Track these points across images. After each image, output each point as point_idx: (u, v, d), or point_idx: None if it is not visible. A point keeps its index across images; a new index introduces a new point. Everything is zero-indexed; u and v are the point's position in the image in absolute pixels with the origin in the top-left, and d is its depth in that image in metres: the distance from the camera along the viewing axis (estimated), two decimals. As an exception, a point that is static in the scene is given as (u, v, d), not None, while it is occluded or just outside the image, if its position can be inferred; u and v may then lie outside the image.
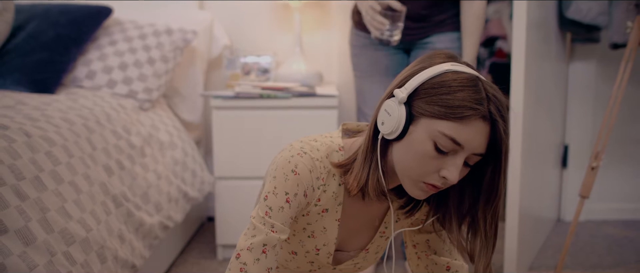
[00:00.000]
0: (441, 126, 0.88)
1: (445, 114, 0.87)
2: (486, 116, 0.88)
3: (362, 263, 1.19)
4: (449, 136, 0.88)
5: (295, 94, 2.10)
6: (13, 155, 1.19)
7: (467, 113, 0.87)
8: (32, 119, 1.41)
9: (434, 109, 0.88)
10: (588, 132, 2.62)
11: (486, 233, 0.97)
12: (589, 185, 1.82)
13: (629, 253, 2.25)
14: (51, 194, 1.24)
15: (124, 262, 1.44)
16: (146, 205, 1.70)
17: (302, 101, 2.11)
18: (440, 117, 0.88)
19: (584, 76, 2.60)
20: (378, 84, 1.99)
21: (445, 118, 0.88)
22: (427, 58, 0.95)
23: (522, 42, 1.84)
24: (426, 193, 0.95)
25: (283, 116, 2.11)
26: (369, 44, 1.98)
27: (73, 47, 2.02)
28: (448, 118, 0.87)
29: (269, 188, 0.98)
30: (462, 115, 0.87)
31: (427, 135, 0.89)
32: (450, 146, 0.88)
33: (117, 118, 1.79)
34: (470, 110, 0.87)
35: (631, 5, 2.21)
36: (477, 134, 0.88)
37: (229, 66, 2.43)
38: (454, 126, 0.87)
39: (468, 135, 0.88)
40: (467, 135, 0.88)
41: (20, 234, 1.08)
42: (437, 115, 0.88)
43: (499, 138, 0.89)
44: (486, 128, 0.89)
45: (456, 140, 0.88)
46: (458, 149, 0.89)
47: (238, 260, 0.96)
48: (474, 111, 0.87)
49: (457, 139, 0.88)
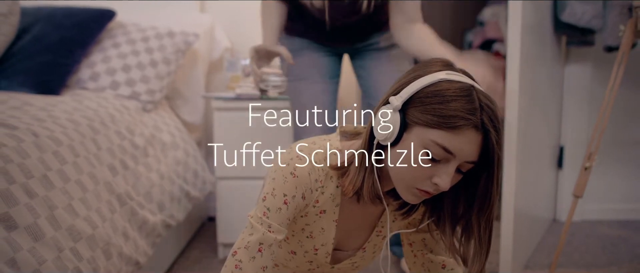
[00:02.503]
0: (434, 135, 0.89)
1: (438, 123, 0.89)
2: (478, 126, 0.89)
3: (360, 262, 1.22)
4: (441, 145, 0.89)
5: (295, 96, 2.14)
6: (22, 154, 1.23)
7: (460, 122, 0.88)
8: (39, 120, 1.45)
9: (427, 118, 0.90)
10: (583, 133, 2.65)
11: (480, 239, 0.99)
12: (582, 184, 1.86)
13: (623, 252, 2.29)
14: (59, 192, 1.28)
15: (129, 259, 1.48)
16: (149, 203, 1.74)
17: (302, 102, 2.13)
18: (433, 126, 0.89)
19: (579, 79, 2.64)
20: (316, 85, 1.82)
21: (437, 127, 0.89)
22: (422, 66, 0.96)
23: (516, 45, 1.87)
24: (419, 198, 0.97)
25: (282, 117, 2.14)
26: (305, 47, 1.86)
27: (77, 49, 2.06)
28: (440, 127, 0.89)
29: (268, 190, 1.00)
30: (454, 125, 0.88)
31: (420, 143, 0.91)
32: (442, 154, 0.90)
33: (121, 119, 1.83)
34: (462, 120, 0.88)
35: (624, 9, 2.25)
36: (469, 143, 0.89)
37: (230, 68, 2.46)
38: (447, 135, 0.89)
39: (460, 144, 0.89)
40: (459, 144, 0.89)
41: (29, 230, 1.12)
42: (430, 124, 0.90)
43: (491, 147, 0.90)
44: (478, 137, 0.90)
45: (448, 149, 0.89)
46: (450, 157, 0.90)
47: (234, 257, 0.99)
48: (466, 121, 0.88)
49: (449, 148, 0.89)
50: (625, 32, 1.84)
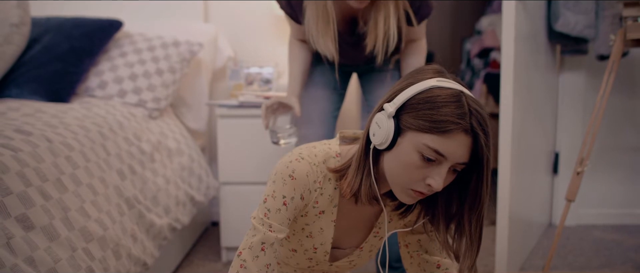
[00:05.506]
0: (426, 139, 0.95)
1: (429, 128, 0.94)
2: (467, 130, 0.94)
3: (357, 261, 1.27)
4: (434, 148, 0.95)
5: (296, 103, 2.19)
6: (37, 159, 1.30)
7: (450, 126, 0.93)
8: (51, 126, 1.51)
9: (420, 123, 0.95)
10: (578, 140, 2.70)
11: (471, 236, 1.04)
12: (574, 188, 1.91)
13: (615, 255, 2.34)
14: (71, 195, 1.34)
15: (137, 260, 1.54)
16: (156, 207, 1.81)
17: (303, 109, 2.19)
18: (425, 131, 0.95)
19: (573, 86, 2.69)
20: (321, 98, 1.86)
21: (429, 132, 0.94)
22: (415, 73, 1.02)
23: (510, 54, 1.93)
24: (414, 198, 1.02)
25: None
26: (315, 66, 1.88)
27: (86, 58, 2.13)
28: (432, 132, 0.94)
29: (268, 191, 1.07)
30: (445, 129, 0.93)
31: (414, 147, 0.96)
32: (434, 157, 0.95)
33: (128, 126, 1.89)
34: (452, 124, 0.93)
35: (616, 19, 2.31)
36: (459, 146, 0.95)
37: (233, 77, 2.52)
38: (438, 139, 0.94)
39: (451, 147, 0.94)
40: (449, 147, 0.94)
41: (45, 230, 1.18)
42: (422, 129, 0.95)
43: (480, 149, 0.95)
44: (468, 140, 0.95)
45: (440, 152, 0.95)
46: (442, 160, 0.96)
47: (239, 257, 1.05)
48: (456, 125, 0.93)
49: (440, 151, 0.95)
50: (616, 42, 1.89)
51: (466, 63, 4.09)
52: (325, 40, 1.63)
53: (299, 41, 1.81)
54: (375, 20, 1.60)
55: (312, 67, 1.87)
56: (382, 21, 1.59)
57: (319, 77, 1.87)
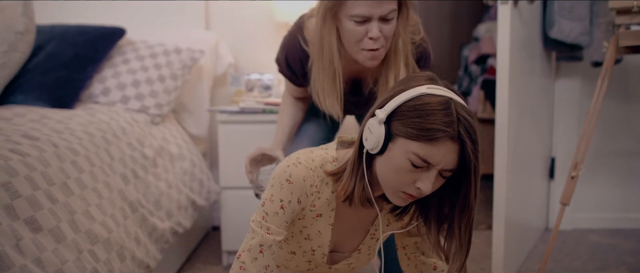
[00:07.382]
0: (414, 147, 0.98)
1: (417, 136, 0.97)
2: (455, 137, 0.97)
3: (356, 263, 1.30)
4: (421, 156, 0.98)
5: (296, 109, 2.22)
6: (44, 163, 1.33)
7: (437, 134, 0.95)
8: (57, 132, 1.55)
9: (408, 131, 0.98)
10: (574, 145, 2.72)
11: (461, 238, 1.07)
12: (569, 192, 1.94)
13: (611, 259, 2.37)
14: (77, 198, 1.38)
15: (140, 262, 1.57)
16: (158, 211, 1.84)
17: (303, 115, 2.22)
18: (414, 138, 0.98)
19: (569, 92, 2.73)
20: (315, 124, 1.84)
21: (417, 139, 0.97)
22: (407, 80, 1.05)
23: (506, 60, 1.96)
24: (405, 201, 1.06)
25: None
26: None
27: (89, 65, 2.17)
28: (420, 140, 0.97)
29: (267, 195, 1.11)
30: (432, 137, 0.96)
31: (403, 153, 1.00)
32: (422, 163, 0.99)
33: (131, 131, 1.93)
34: (440, 132, 0.95)
35: (609, 26, 2.34)
36: (447, 153, 0.98)
37: (234, 83, 2.56)
38: (426, 146, 0.97)
39: (438, 155, 0.97)
40: (437, 155, 0.97)
41: (52, 233, 1.22)
42: (411, 136, 0.98)
43: (467, 157, 0.98)
44: (455, 147, 0.98)
45: (427, 160, 0.98)
46: (430, 166, 0.99)
47: (239, 260, 1.09)
48: (443, 133, 0.96)
49: (427, 159, 0.98)
50: (609, 49, 1.92)
51: (464, 69, 4.13)
52: (332, 100, 1.56)
53: (293, 97, 1.78)
54: (386, 78, 1.53)
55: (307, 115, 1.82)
56: (393, 80, 1.52)
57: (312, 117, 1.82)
